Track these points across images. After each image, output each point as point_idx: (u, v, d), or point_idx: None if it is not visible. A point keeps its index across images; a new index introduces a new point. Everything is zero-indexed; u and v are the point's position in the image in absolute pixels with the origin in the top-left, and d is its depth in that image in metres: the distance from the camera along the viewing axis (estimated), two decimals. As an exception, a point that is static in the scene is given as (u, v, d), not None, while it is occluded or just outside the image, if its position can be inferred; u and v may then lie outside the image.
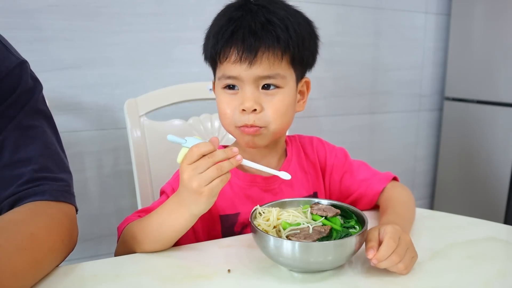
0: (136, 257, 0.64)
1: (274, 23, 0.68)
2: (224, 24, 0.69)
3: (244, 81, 0.69)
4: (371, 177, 0.83)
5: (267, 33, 0.67)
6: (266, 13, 0.69)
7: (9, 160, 0.60)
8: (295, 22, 0.71)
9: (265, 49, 0.68)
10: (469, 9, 1.87)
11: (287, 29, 0.69)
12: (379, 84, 1.89)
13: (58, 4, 1.19)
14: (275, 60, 0.69)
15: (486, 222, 0.78)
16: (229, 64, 0.69)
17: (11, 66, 0.61)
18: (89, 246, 1.35)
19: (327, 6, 1.68)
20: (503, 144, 1.80)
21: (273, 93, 0.71)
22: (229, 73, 0.70)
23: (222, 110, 0.74)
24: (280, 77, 0.70)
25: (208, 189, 0.57)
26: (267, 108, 0.70)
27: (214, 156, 0.57)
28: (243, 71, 0.68)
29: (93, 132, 1.31)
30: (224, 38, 0.69)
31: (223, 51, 0.69)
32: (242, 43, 0.67)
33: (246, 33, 0.67)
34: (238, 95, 0.71)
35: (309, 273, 0.59)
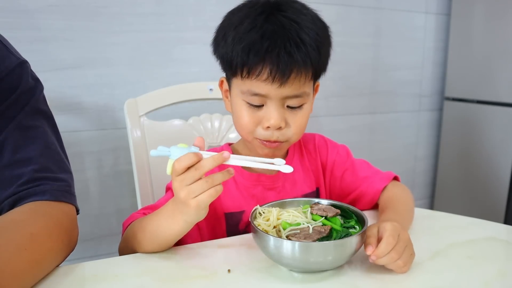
0: (136, 257, 0.64)
1: (307, 43, 0.66)
2: (257, 40, 0.65)
3: (272, 99, 0.69)
4: (373, 175, 0.83)
5: (301, 55, 0.66)
6: (299, 31, 0.66)
7: (9, 160, 0.60)
8: (322, 36, 0.70)
9: (297, 70, 0.67)
10: (469, 9, 1.87)
11: (318, 49, 0.68)
12: (379, 84, 1.89)
13: (58, 4, 1.19)
14: (305, 81, 0.69)
15: (486, 222, 0.78)
16: (259, 81, 0.67)
17: (11, 66, 0.61)
18: (89, 246, 1.35)
19: (327, 6, 1.68)
20: (503, 144, 1.80)
21: (297, 110, 0.71)
22: (257, 90, 0.68)
23: (242, 122, 0.72)
24: (306, 95, 0.71)
25: (195, 201, 0.56)
26: (291, 124, 0.71)
27: (201, 168, 0.55)
28: (273, 90, 0.67)
29: (93, 132, 1.31)
30: (258, 56, 0.66)
31: (255, 68, 0.66)
32: (276, 63, 0.65)
33: (281, 53, 0.65)
34: (262, 111, 0.70)
35: (309, 273, 0.59)
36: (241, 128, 0.73)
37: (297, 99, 0.70)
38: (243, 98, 0.71)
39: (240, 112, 0.72)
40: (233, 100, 0.74)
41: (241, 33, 0.67)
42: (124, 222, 0.72)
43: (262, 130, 0.71)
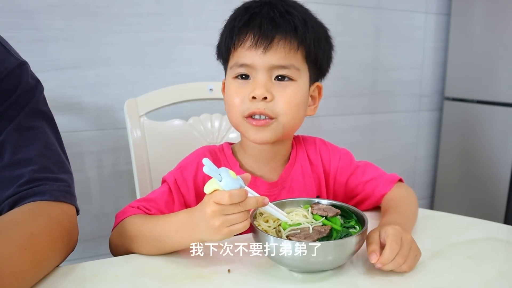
0: (136, 257, 0.64)
1: (293, 14, 0.68)
2: (241, 12, 0.70)
3: (257, 69, 0.68)
4: (377, 178, 0.81)
5: (285, 22, 0.67)
6: (285, 5, 0.69)
7: (9, 161, 0.60)
8: (313, 20, 0.72)
9: (281, 37, 0.67)
10: (469, 9, 1.87)
11: (305, 22, 0.69)
12: (379, 84, 1.88)
13: (58, 4, 1.19)
14: (291, 50, 0.68)
15: (486, 222, 0.78)
16: (243, 50, 0.68)
17: (11, 67, 0.61)
18: (89, 246, 1.35)
19: (327, 6, 1.68)
20: (503, 144, 1.80)
21: (286, 85, 0.70)
22: (242, 60, 0.69)
23: (230, 99, 0.72)
24: (295, 69, 0.69)
25: (229, 230, 0.55)
26: (278, 97, 0.69)
27: (244, 206, 0.55)
28: (257, 57, 0.67)
29: (93, 132, 1.31)
30: (241, 23, 0.68)
31: (238, 37, 0.68)
32: (259, 29, 0.66)
33: (264, 19, 0.67)
34: (249, 84, 0.70)
35: (309, 273, 0.59)
36: (231, 108, 0.72)
37: (284, 70, 0.69)
38: (232, 75, 0.71)
39: (229, 92, 0.72)
40: (226, 86, 0.74)
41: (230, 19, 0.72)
42: (117, 214, 0.71)
43: (248, 103, 0.69)
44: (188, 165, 0.76)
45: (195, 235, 0.58)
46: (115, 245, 0.70)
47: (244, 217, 0.56)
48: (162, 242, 0.63)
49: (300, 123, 0.75)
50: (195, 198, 0.74)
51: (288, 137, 0.78)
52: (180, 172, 0.75)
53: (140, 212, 0.69)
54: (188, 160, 0.77)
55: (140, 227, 0.65)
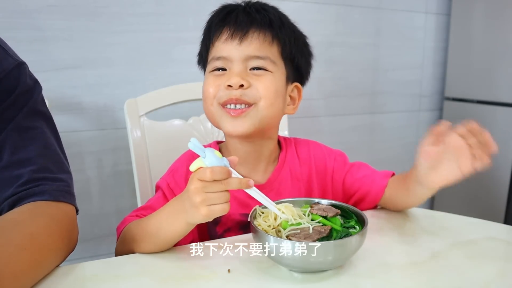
0: (136, 257, 0.64)
1: (268, 10, 0.72)
2: (219, 11, 0.73)
3: (233, 61, 0.70)
4: (373, 174, 0.81)
5: (260, 16, 0.70)
6: (262, 5, 0.73)
7: (8, 161, 0.60)
8: (290, 23, 0.75)
9: (256, 28, 0.70)
10: (469, 9, 1.87)
11: (280, 19, 0.72)
12: (379, 84, 1.89)
13: (58, 4, 1.19)
14: (265, 41, 0.70)
15: (486, 222, 0.78)
16: (220, 43, 0.71)
17: (9, 68, 0.61)
18: (89, 246, 1.35)
19: (327, 6, 1.68)
20: (503, 144, 1.80)
21: (261, 73, 0.71)
22: (219, 53, 0.71)
23: (205, 90, 0.72)
24: (270, 61, 0.71)
25: (209, 210, 0.55)
26: (255, 84, 0.70)
27: (227, 185, 0.55)
28: (233, 49, 0.69)
29: (93, 132, 1.31)
30: (217, 20, 0.72)
31: (215, 32, 0.71)
32: (234, 22, 0.70)
33: (239, 13, 0.70)
34: (225, 75, 0.71)
35: (309, 273, 0.59)
36: (205, 98, 0.73)
37: (259, 60, 0.70)
38: (209, 69, 0.73)
39: (205, 84, 0.73)
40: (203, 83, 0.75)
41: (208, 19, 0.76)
42: (118, 227, 0.71)
43: (224, 91, 0.69)
44: (179, 168, 0.77)
45: (182, 216, 0.59)
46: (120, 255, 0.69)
47: (224, 198, 0.55)
48: (157, 234, 0.63)
49: (279, 116, 0.75)
50: None
51: (268, 133, 0.77)
52: (172, 176, 0.76)
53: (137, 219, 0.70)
54: (178, 164, 0.78)
55: (137, 227, 0.66)
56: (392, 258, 0.64)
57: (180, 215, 0.59)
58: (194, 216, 0.57)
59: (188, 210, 0.58)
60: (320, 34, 1.68)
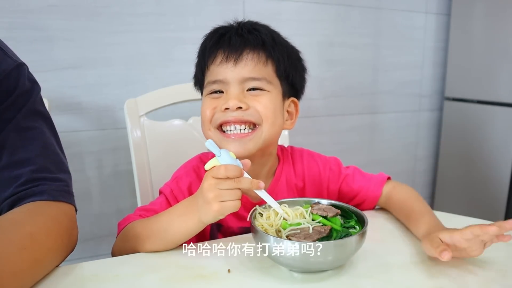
0: (136, 257, 0.64)
1: (260, 31, 0.72)
2: (212, 34, 0.74)
3: (230, 83, 0.70)
4: (367, 183, 0.83)
5: (252, 37, 0.70)
6: (253, 25, 0.73)
7: (7, 162, 0.60)
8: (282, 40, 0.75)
9: (250, 50, 0.70)
10: (469, 9, 1.87)
11: (272, 38, 0.72)
12: (379, 84, 1.89)
13: (58, 4, 1.19)
14: (260, 62, 0.70)
15: (486, 222, 0.78)
16: (215, 67, 0.71)
17: (8, 69, 0.61)
18: (89, 246, 1.35)
19: (327, 6, 1.68)
20: (503, 144, 1.80)
21: (259, 94, 0.71)
22: (215, 76, 0.71)
23: (202, 113, 0.72)
24: (266, 81, 0.71)
25: (221, 205, 0.57)
26: (254, 105, 0.70)
27: (240, 183, 0.58)
28: (229, 71, 0.69)
29: (93, 132, 1.31)
30: (211, 43, 0.72)
31: (210, 56, 0.71)
32: (228, 44, 0.70)
33: (232, 36, 0.70)
34: (222, 97, 0.71)
35: (309, 273, 0.59)
36: (202, 122, 0.73)
37: (256, 81, 0.70)
38: (206, 93, 0.73)
39: (202, 107, 0.73)
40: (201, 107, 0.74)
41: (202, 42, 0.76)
42: (119, 223, 0.71)
43: (221, 114, 0.70)
44: (183, 176, 0.78)
45: (195, 215, 0.60)
46: (119, 252, 0.69)
47: (236, 195, 0.58)
48: (167, 232, 0.64)
49: (279, 134, 0.76)
50: None
51: (269, 150, 0.77)
52: (176, 183, 0.77)
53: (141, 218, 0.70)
54: (182, 171, 0.79)
55: (144, 225, 0.66)
56: (392, 258, 0.64)
57: (193, 214, 0.61)
58: (207, 213, 0.59)
59: (201, 207, 0.59)
60: (320, 34, 1.68)
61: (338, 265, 0.59)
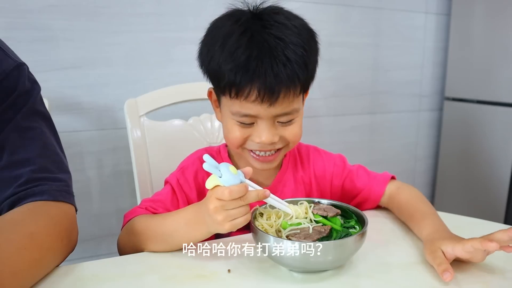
0: (137, 257, 0.64)
1: (293, 61, 0.66)
2: (244, 62, 0.65)
3: (262, 118, 0.69)
4: (371, 181, 0.83)
5: (287, 73, 0.65)
6: (284, 49, 0.65)
7: (8, 162, 0.60)
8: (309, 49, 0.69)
9: (286, 90, 0.66)
10: (469, 9, 1.87)
11: (305, 65, 0.67)
12: (379, 84, 1.88)
13: (58, 4, 1.19)
14: (294, 97, 0.69)
15: (486, 222, 0.78)
16: (248, 102, 0.67)
17: (8, 69, 0.61)
18: (89, 246, 1.35)
19: (327, 6, 1.68)
20: (503, 144, 1.80)
21: (288, 124, 0.72)
22: (247, 111, 0.68)
23: (232, 137, 0.72)
24: (295, 111, 0.71)
25: (231, 224, 0.57)
26: (284, 135, 0.71)
27: (246, 200, 0.57)
28: (262, 110, 0.67)
29: (93, 132, 1.31)
30: (245, 78, 0.65)
31: (242, 91, 0.66)
32: (264, 84, 0.65)
33: (268, 74, 0.64)
34: (253, 127, 0.70)
35: (309, 273, 0.59)
36: (231, 143, 0.73)
37: (287, 116, 0.70)
38: (234, 118, 0.70)
39: (230, 129, 0.72)
40: (223, 117, 0.74)
41: (227, 53, 0.66)
42: (126, 214, 0.72)
43: (254, 144, 0.71)
44: (189, 166, 0.79)
45: (203, 228, 0.61)
46: (123, 244, 0.71)
47: (245, 211, 0.58)
48: (172, 237, 0.64)
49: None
50: (197, 195, 0.77)
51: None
52: (182, 173, 0.77)
53: (147, 212, 0.71)
54: (189, 161, 0.80)
55: (148, 224, 0.66)
56: (392, 258, 0.64)
57: (200, 226, 0.61)
58: (218, 229, 0.59)
59: (210, 224, 0.59)
60: (320, 34, 1.67)
61: (338, 265, 0.59)
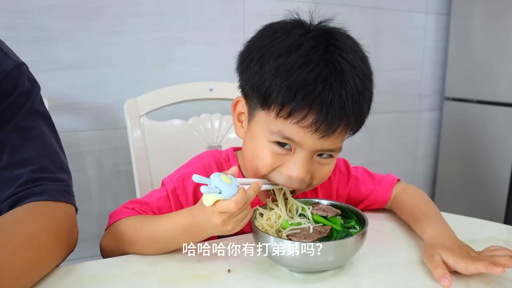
0: (136, 257, 0.64)
1: (363, 95, 0.59)
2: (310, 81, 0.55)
3: (303, 148, 0.60)
4: (376, 186, 0.82)
5: (354, 108, 0.58)
6: (355, 78, 0.59)
7: (7, 162, 0.60)
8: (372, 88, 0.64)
9: (346, 124, 0.59)
10: (469, 9, 1.87)
11: (369, 103, 0.62)
12: (379, 84, 1.87)
13: (58, 4, 1.19)
14: (346, 135, 0.62)
15: (486, 222, 0.78)
16: (297, 126, 0.57)
17: (8, 69, 0.61)
18: (89, 246, 1.34)
19: (327, 6, 1.68)
20: (503, 144, 1.80)
21: (325, 163, 0.64)
22: (291, 135, 0.58)
23: (262, 163, 0.62)
24: (338, 150, 0.63)
25: (240, 227, 0.57)
26: (315, 175, 0.64)
27: (248, 201, 0.55)
28: (310, 140, 0.58)
29: (93, 132, 1.31)
30: (306, 100, 0.55)
31: (298, 112, 0.56)
32: (326, 113, 0.56)
33: (335, 102, 0.56)
34: (288, 156, 0.61)
35: (309, 273, 0.59)
36: (257, 169, 0.64)
37: (329, 152, 0.62)
38: (269, 139, 0.61)
39: (260, 153, 0.62)
40: (254, 135, 0.64)
41: (289, 67, 0.56)
42: (111, 214, 0.70)
43: (280, 175, 0.62)
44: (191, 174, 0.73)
45: (203, 235, 0.60)
46: (110, 248, 0.68)
47: (248, 210, 0.57)
48: (168, 243, 0.63)
49: None
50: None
51: None
52: (181, 181, 0.72)
53: (135, 214, 0.68)
54: (192, 169, 0.73)
55: (139, 229, 0.64)
56: (392, 258, 0.64)
57: (199, 234, 0.60)
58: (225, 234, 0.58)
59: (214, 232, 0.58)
60: (320, 34, 1.67)
61: (339, 265, 0.59)
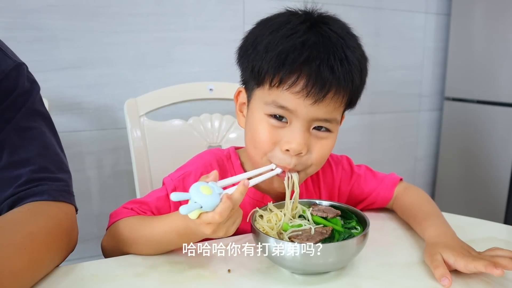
0: (136, 257, 0.64)
1: (351, 62, 0.60)
2: (297, 46, 0.58)
3: (299, 117, 0.61)
4: (379, 185, 0.82)
5: (343, 73, 0.59)
6: (344, 47, 0.60)
7: (7, 162, 0.60)
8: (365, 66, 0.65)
9: (335, 90, 0.60)
10: (469, 9, 1.87)
11: (361, 73, 0.63)
12: (379, 84, 1.88)
13: (58, 4, 1.19)
14: (341, 104, 0.62)
15: (486, 222, 0.78)
16: (289, 93, 0.59)
17: (8, 70, 0.61)
18: (89, 246, 1.34)
19: (327, 6, 1.67)
20: (503, 144, 1.80)
21: (323, 136, 0.64)
22: (285, 103, 0.60)
23: (259, 139, 0.64)
24: (335, 122, 0.64)
25: (232, 230, 0.56)
26: (313, 150, 0.64)
27: (235, 205, 0.53)
28: (303, 107, 0.59)
29: (93, 132, 1.30)
30: (295, 63, 0.58)
31: (287, 77, 0.59)
32: (315, 76, 0.58)
33: (323, 65, 0.58)
34: (285, 129, 0.62)
35: (310, 275, 0.59)
36: (256, 147, 0.65)
37: (325, 124, 0.63)
38: (265, 111, 0.63)
39: (258, 128, 0.64)
40: (252, 114, 0.66)
41: (278, 38, 0.60)
42: (111, 214, 0.70)
43: (279, 153, 0.63)
44: (192, 173, 0.72)
45: (199, 237, 0.59)
46: (111, 248, 0.68)
47: (238, 213, 0.56)
48: (164, 244, 0.63)
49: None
50: None
51: None
52: (182, 180, 0.72)
53: (134, 214, 0.68)
54: (192, 168, 0.74)
55: (136, 230, 0.64)
56: (393, 258, 0.64)
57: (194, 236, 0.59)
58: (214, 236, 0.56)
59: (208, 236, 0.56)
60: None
61: (340, 267, 0.59)
